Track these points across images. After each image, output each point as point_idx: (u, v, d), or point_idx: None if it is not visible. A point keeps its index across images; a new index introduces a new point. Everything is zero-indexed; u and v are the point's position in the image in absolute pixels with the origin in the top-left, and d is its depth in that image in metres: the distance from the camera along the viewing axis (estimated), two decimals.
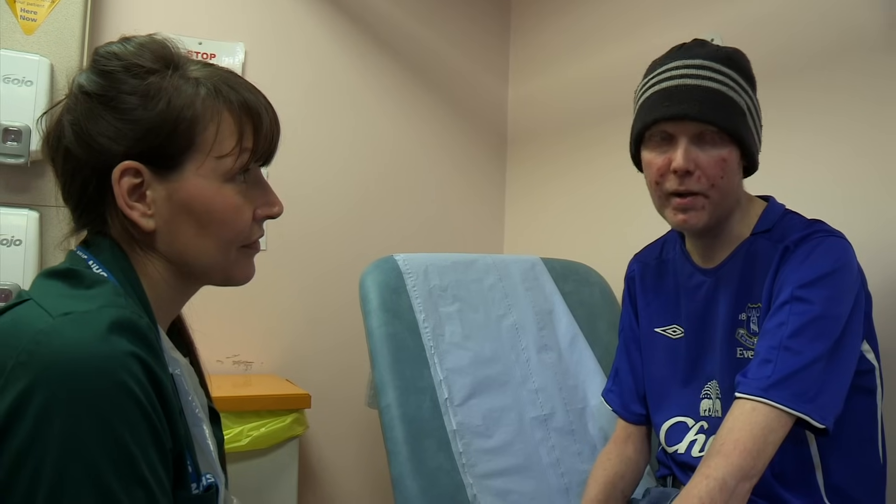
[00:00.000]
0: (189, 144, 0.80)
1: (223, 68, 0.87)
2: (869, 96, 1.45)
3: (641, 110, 1.21)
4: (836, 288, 1.10)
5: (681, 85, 1.15)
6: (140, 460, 0.66)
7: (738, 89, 1.16)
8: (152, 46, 0.83)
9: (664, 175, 1.17)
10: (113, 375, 0.65)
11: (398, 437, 1.49)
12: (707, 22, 1.82)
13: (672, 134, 1.16)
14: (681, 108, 1.14)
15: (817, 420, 1.03)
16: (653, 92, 1.19)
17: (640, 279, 1.42)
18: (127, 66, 0.80)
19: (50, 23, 1.91)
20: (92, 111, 0.79)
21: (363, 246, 2.39)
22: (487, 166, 2.69)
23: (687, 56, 1.18)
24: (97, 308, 0.69)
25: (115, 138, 0.79)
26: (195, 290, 0.89)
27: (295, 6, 2.37)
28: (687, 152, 1.14)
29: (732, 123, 1.14)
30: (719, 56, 1.17)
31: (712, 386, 1.25)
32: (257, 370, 2.29)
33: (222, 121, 0.82)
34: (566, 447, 1.63)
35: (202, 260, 0.84)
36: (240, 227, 0.85)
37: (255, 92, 0.87)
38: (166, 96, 0.79)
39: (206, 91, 0.82)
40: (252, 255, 0.90)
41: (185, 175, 0.81)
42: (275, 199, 0.89)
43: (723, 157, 1.15)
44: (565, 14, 2.42)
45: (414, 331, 1.62)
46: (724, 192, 1.16)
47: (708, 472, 1.02)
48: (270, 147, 0.87)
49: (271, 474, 1.95)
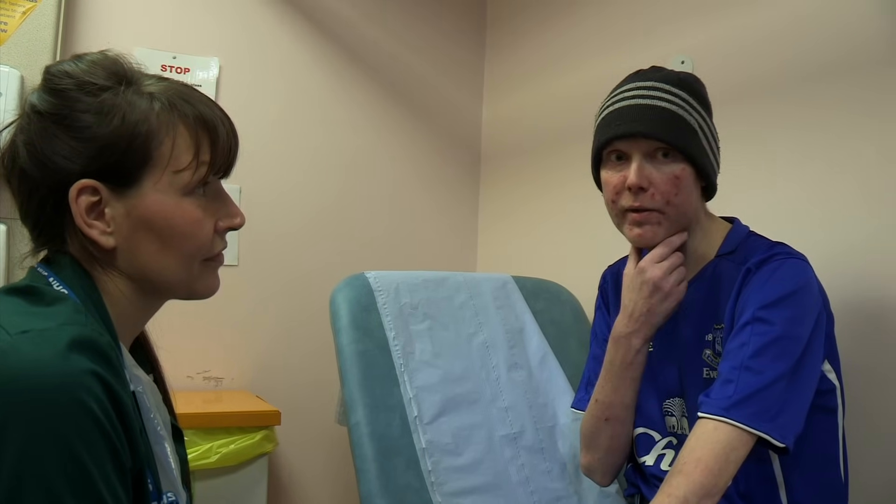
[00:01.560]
0: (145, 160, 0.80)
1: (179, 82, 0.86)
2: (852, 110, 1.48)
3: (598, 131, 1.24)
4: (796, 309, 1.11)
5: (632, 105, 1.19)
6: (98, 479, 0.65)
7: (689, 109, 1.19)
8: (105, 63, 0.82)
9: (619, 193, 1.20)
10: (71, 393, 0.65)
11: (367, 455, 1.49)
12: (682, 41, 1.85)
13: (626, 153, 1.19)
14: (632, 126, 1.17)
15: (777, 439, 1.05)
16: (607, 113, 1.22)
17: (613, 287, 1.44)
18: (79, 84, 0.79)
19: (21, 34, 1.89)
20: (46, 130, 0.78)
21: (336, 263, 2.38)
22: (461, 184, 2.70)
23: (640, 79, 1.22)
24: (56, 326, 0.68)
25: (71, 157, 0.78)
26: (158, 305, 0.89)
27: (270, 22, 2.38)
28: (640, 169, 1.17)
29: (682, 141, 1.17)
30: (671, 78, 1.21)
31: (675, 403, 1.27)
32: (228, 386, 2.28)
33: (178, 135, 0.81)
34: (535, 465, 1.63)
35: (165, 276, 0.83)
36: (201, 240, 0.84)
37: (211, 105, 0.86)
38: (120, 112, 0.79)
39: (161, 105, 0.81)
40: (215, 268, 0.89)
41: (144, 191, 0.80)
42: (236, 211, 0.88)
43: (675, 175, 1.17)
44: (541, 32, 2.44)
45: (384, 348, 1.62)
46: (679, 209, 1.18)
47: (670, 490, 1.03)
48: (228, 159, 0.87)
49: (241, 491, 1.93)
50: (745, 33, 1.69)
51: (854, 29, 1.47)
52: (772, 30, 1.63)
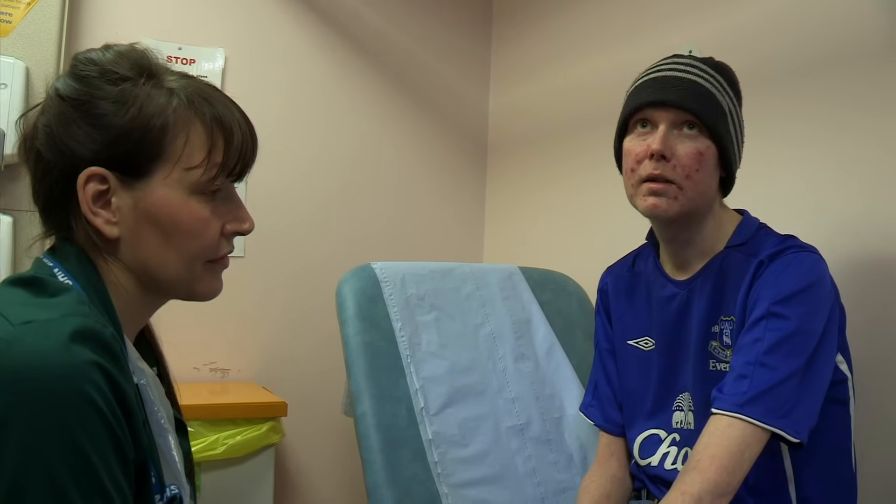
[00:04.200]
0: (157, 153, 0.80)
1: (202, 81, 0.86)
2: (847, 104, 1.47)
3: (629, 99, 1.24)
4: (810, 303, 1.11)
5: (667, 76, 1.19)
6: (101, 470, 0.65)
7: (722, 91, 1.19)
8: (131, 55, 0.83)
9: (640, 161, 1.19)
10: (74, 384, 0.64)
11: (373, 446, 1.48)
12: (687, 32, 1.84)
13: (653, 121, 1.19)
14: (664, 94, 1.17)
15: (792, 434, 1.04)
16: (641, 82, 1.23)
17: (613, 291, 1.43)
18: (103, 72, 0.81)
19: (26, 25, 1.89)
20: (64, 115, 0.79)
21: (342, 254, 2.38)
22: (467, 175, 2.69)
23: (678, 57, 1.23)
24: (59, 317, 0.68)
25: (84, 143, 0.79)
26: (160, 303, 0.88)
27: (276, 12, 2.37)
28: (665, 137, 1.16)
29: (712, 118, 1.16)
30: (708, 61, 1.22)
31: (684, 398, 1.26)
32: (234, 378, 2.28)
33: (193, 132, 0.81)
34: (542, 457, 1.63)
35: (166, 272, 0.83)
36: (206, 240, 0.84)
37: (231, 107, 0.86)
38: (137, 103, 0.79)
39: (179, 101, 0.81)
40: (219, 270, 0.89)
41: (152, 184, 0.80)
42: (245, 216, 0.88)
43: (699, 150, 1.16)
44: (547, 23, 2.43)
45: (390, 339, 1.61)
46: (698, 186, 1.17)
47: (684, 488, 1.03)
48: (243, 163, 0.86)
49: (248, 482, 1.93)
50: (750, 23, 1.67)
51: (849, 21, 1.45)
52: (774, 18, 1.61)
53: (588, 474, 1.42)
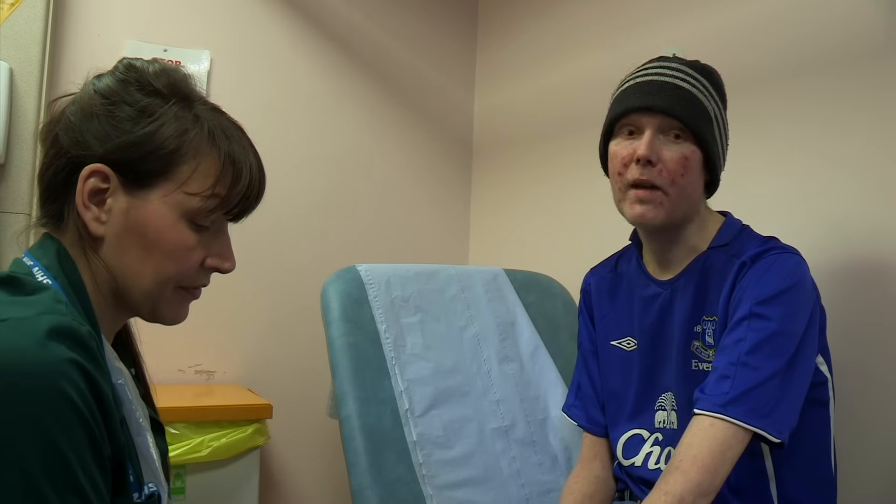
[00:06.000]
0: (163, 171, 0.82)
1: (231, 119, 0.90)
2: (835, 105, 1.47)
3: (614, 103, 1.25)
4: (792, 304, 1.12)
5: (653, 80, 1.20)
6: (76, 467, 0.65)
7: (708, 96, 1.20)
8: (173, 75, 0.86)
9: (627, 165, 1.20)
10: (50, 381, 0.64)
11: (358, 448, 1.48)
12: (673, 32, 1.84)
13: (639, 127, 1.19)
14: (650, 99, 1.17)
15: (773, 435, 1.05)
16: (627, 86, 1.23)
17: (596, 292, 1.44)
18: (139, 81, 0.84)
19: (9, 26, 1.88)
20: (91, 107, 0.82)
21: (327, 256, 2.37)
22: (453, 176, 2.69)
23: (664, 60, 1.24)
24: (35, 314, 0.68)
25: (100, 139, 0.81)
26: (125, 317, 0.89)
27: (261, 15, 2.36)
28: (651, 142, 1.17)
29: (697, 124, 1.17)
30: (694, 65, 1.23)
31: (667, 397, 1.26)
32: (219, 380, 2.27)
33: (204, 161, 0.84)
34: (527, 458, 1.63)
35: (137, 286, 0.84)
36: (184, 267, 0.85)
37: (249, 150, 0.90)
38: (159, 120, 0.82)
39: (200, 130, 0.84)
40: (189, 299, 0.90)
41: (151, 197, 0.82)
42: (229, 255, 0.90)
43: (685, 155, 1.17)
44: (533, 24, 2.43)
45: (375, 341, 1.61)
46: (683, 191, 1.18)
47: (666, 488, 1.03)
48: (244, 205, 0.89)
49: (233, 485, 1.92)
50: (737, 24, 1.68)
51: (842, 23, 1.46)
52: (761, 20, 1.62)
53: (571, 475, 1.42)
